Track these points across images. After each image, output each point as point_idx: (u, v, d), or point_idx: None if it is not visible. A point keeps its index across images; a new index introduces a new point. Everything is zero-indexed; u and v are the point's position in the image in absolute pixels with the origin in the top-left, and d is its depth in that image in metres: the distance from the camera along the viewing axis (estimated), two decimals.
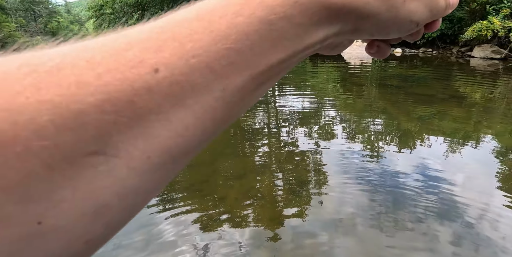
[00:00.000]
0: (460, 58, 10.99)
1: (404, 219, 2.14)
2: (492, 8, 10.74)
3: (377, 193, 2.47)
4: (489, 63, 9.87)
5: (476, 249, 1.86)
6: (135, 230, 2.10)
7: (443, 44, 12.52)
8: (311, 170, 2.94)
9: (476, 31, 10.45)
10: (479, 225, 2.08)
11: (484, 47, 10.72)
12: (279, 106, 5.26)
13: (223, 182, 2.71)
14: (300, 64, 10.48)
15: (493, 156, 3.18)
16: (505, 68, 8.96)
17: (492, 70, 8.64)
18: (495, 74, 8.07)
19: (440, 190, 2.50)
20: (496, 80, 7.32)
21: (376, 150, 3.36)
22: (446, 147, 3.40)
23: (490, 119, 4.37)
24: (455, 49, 12.00)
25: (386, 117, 4.51)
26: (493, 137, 3.76)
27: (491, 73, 8.24)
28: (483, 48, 10.75)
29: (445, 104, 5.08)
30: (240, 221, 2.16)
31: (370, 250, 1.87)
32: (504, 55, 10.27)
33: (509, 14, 10.50)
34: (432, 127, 4.01)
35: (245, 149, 3.47)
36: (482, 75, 8.05)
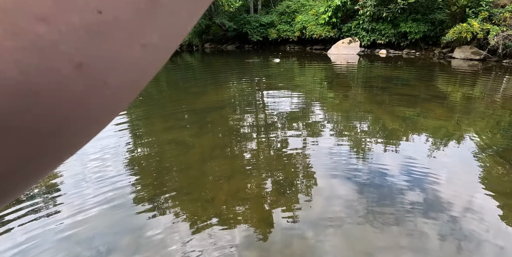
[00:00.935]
0: (442, 59, 11.33)
1: (391, 215, 2.17)
2: (472, 11, 11.14)
3: (365, 190, 2.50)
4: (469, 63, 10.23)
5: (459, 242, 1.91)
6: (123, 234, 2.06)
7: (426, 45, 12.89)
8: (299, 169, 2.95)
9: (456, 33, 10.81)
10: (463, 218, 2.14)
11: (464, 48, 11.11)
12: (267, 106, 5.27)
13: (211, 184, 2.69)
14: (287, 64, 10.56)
15: (475, 153, 3.29)
16: (484, 68, 9.30)
17: (472, 70, 8.95)
18: (475, 74, 8.36)
19: (425, 186, 2.56)
20: (476, 80, 7.58)
21: (362, 149, 3.41)
22: (430, 144, 3.49)
23: (471, 118, 4.52)
24: (437, 50, 12.37)
25: (372, 117, 4.59)
26: (474, 134, 3.88)
27: (471, 73, 8.53)
28: (463, 49, 11.13)
29: (428, 103, 5.22)
30: (230, 222, 2.15)
31: (359, 247, 1.89)
32: (483, 56, 10.68)
33: (487, 17, 10.92)
34: (416, 126, 4.11)
35: (234, 151, 3.45)
36: (462, 75, 8.32)
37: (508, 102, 5.41)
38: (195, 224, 2.14)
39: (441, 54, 12.07)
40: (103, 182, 2.73)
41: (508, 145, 3.49)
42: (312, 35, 14.96)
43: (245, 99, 6.01)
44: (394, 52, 13.28)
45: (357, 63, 10.85)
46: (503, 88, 6.67)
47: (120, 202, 2.43)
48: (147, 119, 4.77)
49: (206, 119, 4.58)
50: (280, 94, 6.23)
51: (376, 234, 1.99)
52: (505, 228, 2.08)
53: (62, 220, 2.22)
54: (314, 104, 5.43)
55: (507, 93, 6.11)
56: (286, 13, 16.79)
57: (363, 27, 13.62)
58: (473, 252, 1.85)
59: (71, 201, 2.47)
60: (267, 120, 4.57)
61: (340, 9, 13.66)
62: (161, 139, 3.85)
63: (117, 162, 3.15)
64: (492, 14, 10.90)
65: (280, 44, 17.51)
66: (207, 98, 5.98)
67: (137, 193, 2.56)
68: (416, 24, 12.42)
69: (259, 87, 7.14)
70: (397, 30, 12.85)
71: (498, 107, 5.10)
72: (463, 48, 11.16)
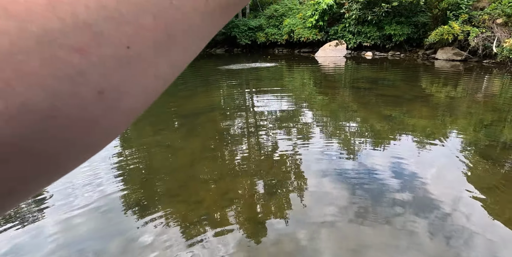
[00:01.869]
0: (426, 60, 11.64)
1: (381, 212, 2.22)
2: (452, 13, 11.52)
3: (354, 189, 2.54)
4: (451, 64, 10.54)
5: (448, 237, 1.96)
6: (111, 237, 2.03)
7: (410, 47, 13.22)
8: (287, 170, 2.98)
9: (438, 35, 11.14)
10: (451, 213, 2.20)
11: (446, 49, 11.45)
12: (256, 108, 5.30)
13: (200, 186, 2.69)
14: (276, 67, 10.63)
15: (459, 150, 3.39)
16: (465, 68, 9.61)
17: (455, 71, 9.23)
18: (457, 75, 8.63)
19: (412, 183, 2.62)
20: (458, 80, 7.82)
21: (350, 149, 3.46)
22: (416, 143, 3.58)
23: (454, 116, 4.66)
24: (421, 52, 12.71)
25: (360, 117, 4.67)
26: (458, 132, 4.00)
27: (454, 74, 8.80)
28: (445, 50, 11.48)
29: (413, 103, 5.35)
30: (219, 224, 2.15)
31: (350, 245, 1.92)
32: (464, 57, 11.03)
33: (467, 19, 11.30)
34: (402, 125, 4.20)
35: (223, 153, 3.46)
36: (445, 75, 8.57)
37: (489, 100, 5.60)
38: (184, 226, 2.13)
39: (424, 56, 12.40)
40: (90, 186, 2.68)
41: (490, 142, 3.61)
42: (300, 38, 15.14)
43: (234, 101, 6.03)
44: (380, 54, 13.57)
45: (344, 65, 11.03)
46: (484, 87, 6.90)
47: (108, 205, 2.40)
48: (135, 123, 4.73)
49: (195, 122, 4.57)
50: (269, 96, 6.27)
51: (367, 232, 2.03)
52: (491, 221, 2.15)
53: (48, 226, 2.18)
54: (303, 106, 5.48)
55: (487, 92, 6.33)
56: (274, 16, 16.96)
57: (349, 30, 13.88)
58: (461, 246, 1.90)
59: (57, 205, 2.42)
60: (256, 121, 4.59)
61: (326, 13, 13.89)
62: (150, 142, 3.82)
63: (105, 165, 3.11)
64: (471, 16, 11.29)
65: (268, 47, 17.65)
66: (196, 102, 5.97)
67: (125, 196, 2.53)
68: (400, 27, 12.74)
69: (249, 90, 7.18)
70: (382, 33, 13.14)
71: (480, 105, 5.27)
72: (445, 49, 11.50)
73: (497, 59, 10.24)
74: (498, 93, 6.26)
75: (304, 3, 16.72)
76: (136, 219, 2.23)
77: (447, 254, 1.83)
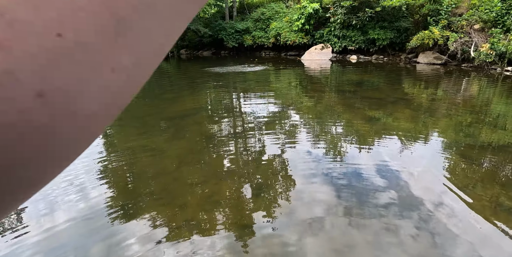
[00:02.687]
0: (408, 64, 11.99)
1: (366, 212, 2.25)
2: (432, 19, 11.94)
3: (340, 190, 2.57)
4: (432, 67, 10.90)
5: (434, 235, 2.01)
6: (94, 242, 1.96)
7: (393, 51, 13.59)
8: (273, 172, 2.98)
9: (419, 39, 11.52)
10: (434, 212, 2.26)
11: (427, 53, 11.84)
12: (243, 111, 5.29)
13: (185, 189, 2.65)
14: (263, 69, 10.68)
15: (440, 150, 3.49)
16: (445, 72, 9.95)
17: (435, 74, 9.55)
18: (438, 78, 8.92)
19: (397, 183, 2.67)
20: (438, 83, 8.08)
21: (336, 150, 3.51)
22: (400, 144, 3.66)
23: (435, 118, 4.80)
24: (403, 56, 13.09)
25: (345, 119, 4.74)
26: (439, 133, 4.13)
27: (434, 77, 9.10)
28: (426, 54, 11.87)
29: (396, 105, 5.48)
30: (204, 226, 2.12)
31: (337, 245, 1.93)
32: (444, 61, 11.44)
33: (447, 25, 11.74)
34: (386, 127, 4.30)
35: (208, 156, 3.43)
36: (426, 78, 8.84)
37: (467, 102, 5.81)
38: (169, 229, 2.09)
39: (407, 59, 12.77)
40: (72, 189, 2.60)
41: (469, 142, 3.73)
42: (287, 42, 15.30)
43: (221, 104, 6.00)
44: (364, 58, 13.87)
45: (329, 68, 11.21)
46: (463, 89, 7.17)
47: (91, 209, 2.33)
48: (120, 126, 4.62)
49: (180, 125, 4.52)
50: (256, 99, 6.28)
51: (352, 232, 2.05)
52: (472, 217, 2.22)
53: (27, 232, 2.09)
54: (289, 108, 5.52)
55: (466, 94, 6.57)
56: (261, 20, 17.07)
57: (334, 34, 14.14)
58: (443, 242, 1.95)
59: (36, 210, 2.33)
60: (242, 124, 4.58)
61: (312, 17, 14.11)
62: (134, 145, 3.74)
63: (87, 169, 3.02)
64: (450, 22, 11.73)
65: (255, 50, 17.72)
66: (182, 104, 5.91)
67: (108, 201, 2.46)
68: (383, 31, 13.09)
69: (236, 92, 7.17)
70: (366, 37, 13.46)
71: (459, 107, 5.46)
72: (426, 53, 11.89)
73: (474, 63, 10.67)
74: (475, 95, 6.51)
75: (291, 7, 16.93)
76: (119, 224, 2.17)
77: (430, 251, 1.88)
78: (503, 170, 3.02)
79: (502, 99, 6.16)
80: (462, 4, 11.91)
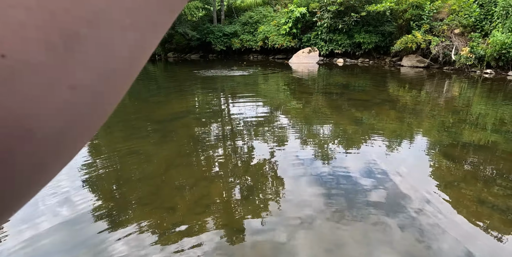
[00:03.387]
0: (392, 67, 12.30)
1: (355, 212, 2.28)
2: (415, 24, 12.32)
3: (329, 190, 2.59)
4: (416, 70, 11.22)
5: (421, 232, 2.05)
6: (80, 249, 1.90)
7: (378, 54, 13.93)
8: (262, 173, 2.99)
9: (403, 43, 11.85)
10: (420, 210, 2.31)
11: (411, 57, 12.19)
12: (231, 113, 5.29)
13: (173, 192, 2.61)
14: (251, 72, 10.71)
15: (425, 150, 3.58)
16: (428, 74, 10.26)
17: (418, 77, 9.83)
18: (421, 80, 9.19)
19: (384, 183, 2.72)
20: (422, 85, 8.32)
21: (325, 152, 3.54)
22: (386, 145, 3.74)
23: (419, 119, 4.93)
24: (388, 59, 13.43)
25: (332, 121, 4.81)
26: (423, 134, 4.24)
27: (418, 79, 9.36)
28: (410, 58, 12.21)
29: (381, 107, 5.61)
30: (194, 230, 2.09)
31: (327, 244, 1.94)
32: (427, 64, 11.80)
33: (429, 29, 12.14)
34: (372, 128, 4.38)
35: (197, 159, 3.40)
36: (410, 81, 9.09)
37: (449, 104, 6.00)
38: (158, 234, 2.06)
39: (391, 62, 13.10)
40: (57, 194, 2.52)
41: (451, 142, 3.85)
42: (274, 45, 15.43)
43: (209, 107, 5.98)
44: (350, 61, 14.14)
45: (317, 71, 11.36)
46: (445, 91, 7.40)
47: (77, 215, 2.26)
48: (106, 129, 4.53)
49: (168, 128, 4.47)
50: (245, 101, 6.29)
51: (341, 231, 2.07)
52: (456, 215, 2.28)
53: (10, 240, 2.01)
54: (277, 110, 5.55)
55: (448, 96, 6.79)
56: (248, 23, 17.17)
57: (321, 37, 14.37)
58: (429, 239, 1.99)
59: (19, 217, 2.24)
60: (230, 126, 4.58)
61: (299, 21, 14.31)
62: (121, 149, 3.67)
63: (72, 173, 2.93)
64: (432, 26, 12.13)
65: (244, 53, 17.79)
66: (169, 107, 5.85)
67: (96, 205, 2.40)
68: (369, 35, 13.40)
69: (225, 95, 7.16)
70: (352, 41, 13.74)
71: (441, 108, 5.63)
72: (409, 57, 12.24)
73: (455, 66, 11.05)
74: (457, 97, 6.73)
75: (278, 10, 17.12)
76: (107, 229, 2.12)
77: (416, 248, 1.91)
78: (484, 168, 3.13)
79: (482, 100, 6.40)
80: (443, 9, 12.35)
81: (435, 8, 12.21)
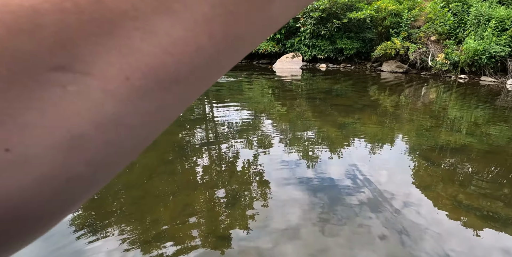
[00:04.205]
0: (373, 72, 12.67)
1: (341, 215, 2.30)
2: (394, 31, 12.78)
3: (314, 195, 2.61)
4: (395, 76, 11.60)
5: (402, 232, 2.09)
6: None
7: (359, 60, 14.31)
8: (247, 179, 2.98)
9: (383, 49, 12.25)
10: (400, 212, 2.36)
11: (390, 62, 12.62)
12: (215, 118, 5.26)
13: (156, 201, 2.55)
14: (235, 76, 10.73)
15: (405, 153, 3.69)
16: (407, 80, 10.64)
17: (397, 82, 10.16)
18: (400, 85, 9.50)
19: (367, 186, 2.77)
20: (401, 90, 8.61)
21: (308, 156, 3.58)
22: (368, 148, 3.82)
23: (399, 123, 5.09)
24: (369, 64, 13.82)
25: (316, 126, 4.88)
26: (403, 137, 4.37)
27: (397, 84, 9.68)
28: (389, 63, 12.63)
29: (363, 112, 5.74)
30: (178, 240, 2.05)
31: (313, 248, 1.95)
32: (405, 69, 12.24)
33: (407, 36, 12.62)
34: (354, 132, 4.47)
35: (180, 166, 3.35)
36: (390, 86, 9.38)
37: (427, 108, 6.24)
38: (139, 244, 2.00)
39: (372, 68, 13.49)
40: None
41: (429, 144, 3.99)
42: (258, 50, 15.55)
43: (192, 111, 5.92)
44: (333, 66, 14.45)
45: (301, 76, 11.53)
46: (422, 96, 7.69)
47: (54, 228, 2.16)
48: None
49: None
50: (228, 105, 6.28)
51: (325, 236, 2.08)
52: (436, 215, 2.35)
53: None
54: (261, 115, 5.57)
55: (425, 101, 7.05)
56: None
57: (304, 43, 14.63)
58: (411, 240, 2.04)
59: None
60: (214, 132, 4.55)
61: (283, 26, 14.52)
62: None
63: None
64: (410, 33, 12.63)
65: None
66: None
67: (74, 215, 2.31)
68: (350, 41, 13.77)
69: (208, 99, 7.12)
70: (335, 46, 14.06)
71: (420, 112, 5.84)
72: (389, 62, 12.66)
73: (432, 71, 11.53)
74: (434, 101, 7.01)
75: None
76: (85, 241, 2.04)
77: (398, 248, 1.95)
78: (460, 170, 3.26)
79: (457, 104, 6.69)
80: (420, 17, 12.90)
81: (412, 16, 12.73)
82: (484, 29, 10.52)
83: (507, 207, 2.52)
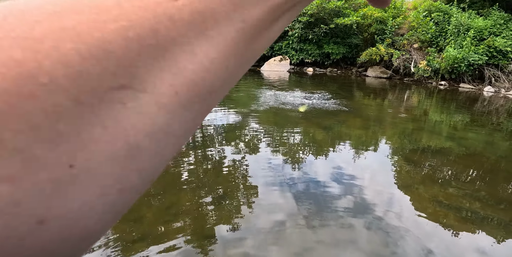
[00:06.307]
0: (358, 77, 12.97)
1: (326, 216, 2.32)
2: (379, 37, 13.15)
3: (296, 196, 2.63)
4: (379, 81, 11.92)
5: (385, 232, 2.13)
6: None
7: (345, 65, 14.61)
8: (234, 180, 2.96)
9: (368, 55, 12.57)
10: (384, 212, 2.41)
11: (375, 68, 12.96)
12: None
13: (140, 201, 2.50)
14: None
15: (388, 156, 3.78)
16: (390, 85, 10.95)
17: (382, 87, 10.44)
18: (384, 90, 9.76)
19: (351, 187, 2.82)
20: (385, 94, 8.84)
21: (293, 158, 3.60)
22: (353, 151, 3.89)
23: (382, 126, 5.21)
24: (354, 69, 14.13)
25: (301, 129, 4.92)
26: (386, 140, 4.48)
27: (381, 89, 9.94)
28: (374, 69, 12.97)
29: (348, 115, 5.85)
30: (163, 240, 2.01)
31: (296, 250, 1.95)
32: (389, 75, 12.60)
33: (391, 43, 13.01)
34: (339, 136, 4.55)
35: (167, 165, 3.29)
36: (374, 90, 9.62)
37: (409, 112, 6.43)
38: (123, 246, 1.94)
39: (357, 73, 13.80)
40: None
41: (411, 147, 4.11)
42: None
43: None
44: (320, 70, 14.68)
45: (288, 79, 11.64)
46: (405, 100, 7.93)
47: None
48: None
49: None
50: (215, 107, 6.24)
51: (310, 235, 2.09)
52: (417, 215, 2.41)
53: None
54: (248, 116, 5.58)
55: (408, 105, 7.27)
56: None
57: (292, 46, 14.79)
58: (394, 240, 2.08)
59: None
60: (200, 132, 4.50)
61: None
62: None
63: None
64: (394, 40, 13.03)
65: None
66: None
67: None
68: (337, 46, 14.05)
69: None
70: (322, 51, 14.30)
71: (402, 116, 6.01)
72: (374, 68, 12.99)
73: (414, 77, 11.93)
74: (416, 106, 7.24)
75: None
76: None
77: (381, 247, 1.99)
78: (441, 171, 3.36)
79: (438, 109, 6.93)
80: (403, 25, 13.34)
81: (396, 24, 13.15)
82: (463, 38, 11.00)
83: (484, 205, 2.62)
